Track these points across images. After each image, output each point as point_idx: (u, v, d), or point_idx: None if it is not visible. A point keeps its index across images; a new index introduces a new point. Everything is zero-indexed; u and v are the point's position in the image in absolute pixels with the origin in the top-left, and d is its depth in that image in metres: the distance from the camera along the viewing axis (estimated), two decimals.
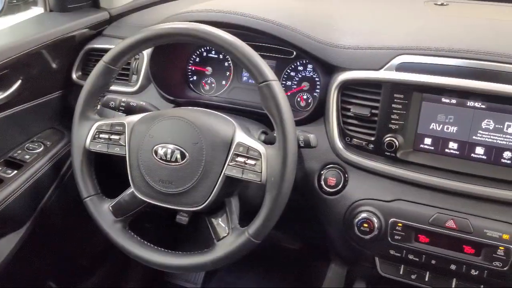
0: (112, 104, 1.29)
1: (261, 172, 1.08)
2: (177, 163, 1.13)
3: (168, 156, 1.13)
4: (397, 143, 1.18)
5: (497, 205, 1.13)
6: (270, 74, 1.08)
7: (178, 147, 1.13)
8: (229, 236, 1.14)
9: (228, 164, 1.11)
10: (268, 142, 1.18)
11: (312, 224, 1.38)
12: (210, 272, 2.04)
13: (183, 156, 1.13)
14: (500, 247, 1.10)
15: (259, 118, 1.33)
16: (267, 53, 1.45)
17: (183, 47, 1.53)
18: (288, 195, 1.08)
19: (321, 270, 1.82)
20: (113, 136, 1.20)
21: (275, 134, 1.09)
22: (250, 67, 1.08)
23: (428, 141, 1.19)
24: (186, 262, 1.15)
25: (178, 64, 1.54)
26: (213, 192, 1.12)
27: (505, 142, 1.12)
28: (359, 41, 1.25)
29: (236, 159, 1.11)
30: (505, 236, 1.10)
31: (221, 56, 1.53)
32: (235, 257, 1.12)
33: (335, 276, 1.71)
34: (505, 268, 1.11)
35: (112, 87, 1.34)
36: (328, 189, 1.26)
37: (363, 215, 1.19)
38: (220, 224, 1.17)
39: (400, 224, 1.18)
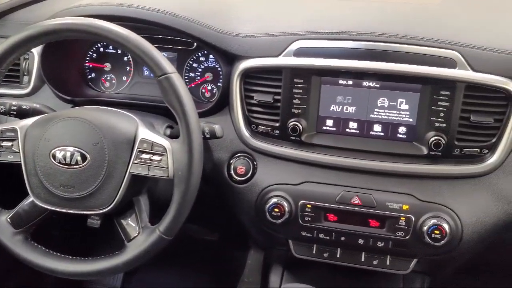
0: (1, 109, 1.20)
1: (167, 168, 1.06)
2: (78, 166, 1.08)
3: (68, 159, 1.08)
4: (300, 127, 1.20)
5: (396, 178, 1.19)
6: (168, 66, 1.05)
7: (77, 149, 1.08)
8: (139, 236, 1.11)
9: (132, 162, 1.08)
10: (174, 136, 1.16)
11: (226, 213, 1.38)
12: (128, 272, 1.99)
13: (83, 158, 1.08)
14: (401, 218, 1.17)
15: (164, 112, 1.30)
16: (167, 46, 1.42)
17: (78, 43, 1.46)
18: (197, 188, 1.07)
19: (241, 258, 1.84)
20: (4, 143, 1.12)
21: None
22: (147, 60, 1.05)
23: (329, 122, 1.23)
24: (95, 268, 1.11)
25: (73, 61, 1.46)
26: (120, 192, 1.08)
27: (399, 118, 1.18)
28: (258, 28, 1.26)
29: (141, 156, 1.08)
30: (405, 207, 1.16)
31: (119, 51, 1.48)
32: (148, 256, 1.10)
33: (254, 263, 1.73)
34: (407, 237, 1.17)
35: (1, 91, 1.25)
36: (238, 178, 1.27)
37: (274, 200, 1.21)
38: (129, 224, 1.14)
39: (309, 206, 1.21)
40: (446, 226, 1.13)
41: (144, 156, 1.08)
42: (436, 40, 1.14)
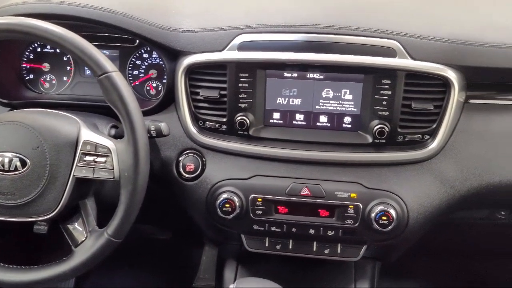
0: None
1: (113, 169, 1.04)
2: (17, 172, 1.03)
3: (6, 165, 1.03)
4: (248, 121, 1.20)
5: (344, 168, 1.21)
6: (108, 65, 1.03)
7: (16, 154, 1.04)
8: (87, 240, 1.08)
9: (76, 165, 1.05)
10: (119, 136, 1.14)
11: (178, 212, 1.37)
12: (81, 277, 1.94)
13: (23, 163, 1.04)
14: (350, 206, 1.19)
15: (108, 112, 1.26)
16: (108, 43, 1.38)
17: (13, 43, 1.39)
18: (145, 188, 1.05)
19: (196, 255, 1.83)
20: None
21: None
22: (86, 59, 1.01)
23: (276, 115, 1.23)
24: (42, 276, 1.07)
25: (9, 62, 1.40)
26: (64, 197, 1.05)
27: (344, 108, 1.20)
28: (200, 23, 1.25)
29: (85, 159, 1.05)
30: (353, 195, 1.19)
31: (58, 51, 1.43)
32: (97, 260, 1.07)
33: (210, 259, 1.72)
34: (356, 225, 1.20)
35: None
36: (187, 176, 1.26)
37: (224, 196, 1.21)
38: (76, 228, 1.11)
39: (259, 199, 1.21)
40: (392, 211, 1.16)
41: (88, 158, 1.05)
42: (377, 30, 1.16)
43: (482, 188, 1.19)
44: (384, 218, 1.16)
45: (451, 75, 1.14)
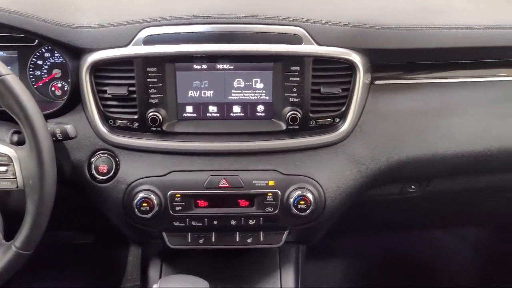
0: None
1: (15, 178, 0.98)
2: None
3: None
4: (160, 116, 1.17)
5: (260, 156, 1.22)
6: (1, 68, 0.96)
7: None
8: None
9: None
10: (23, 142, 1.07)
11: (95, 215, 1.32)
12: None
13: None
14: (268, 194, 1.20)
15: (9, 117, 1.19)
16: (5, 44, 1.30)
17: None
18: (53, 194, 1.00)
19: (123, 256, 1.78)
20: None
21: None
22: None
23: (189, 109, 1.21)
24: None
25: None
26: None
27: (256, 97, 1.21)
28: (102, 18, 1.19)
29: None
30: (271, 183, 1.20)
31: None
32: (7, 275, 1.01)
33: (136, 259, 1.69)
34: (276, 212, 1.21)
35: None
36: (101, 177, 1.21)
37: (141, 194, 1.18)
38: None
39: (178, 195, 1.19)
40: (310, 195, 1.19)
41: None
42: (282, 18, 1.17)
43: (391, 165, 1.24)
44: (302, 202, 1.18)
45: (355, 58, 1.17)
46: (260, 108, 1.21)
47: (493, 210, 1.73)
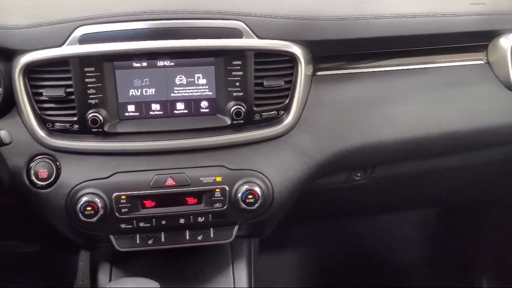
0: None
1: None
2: None
3: None
4: (101, 117, 1.14)
5: (205, 153, 1.21)
6: None
7: None
8: None
9: None
10: None
11: (39, 222, 1.27)
12: None
13: None
14: (216, 190, 1.19)
15: None
16: None
17: None
18: None
19: (73, 261, 1.73)
20: None
21: None
22: None
23: (131, 108, 1.19)
24: None
25: None
26: None
27: (199, 93, 1.19)
28: (33, 17, 1.14)
29: None
30: (218, 179, 1.19)
31: None
32: None
33: (86, 264, 1.64)
34: (224, 207, 1.21)
35: None
36: (41, 183, 1.16)
37: (85, 198, 1.14)
38: None
39: (123, 197, 1.17)
40: (257, 189, 1.19)
41: None
42: (220, 12, 1.16)
43: (337, 154, 1.26)
44: (250, 196, 1.18)
45: (296, 50, 1.18)
46: (204, 104, 1.20)
47: (438, 193, 1.79)
